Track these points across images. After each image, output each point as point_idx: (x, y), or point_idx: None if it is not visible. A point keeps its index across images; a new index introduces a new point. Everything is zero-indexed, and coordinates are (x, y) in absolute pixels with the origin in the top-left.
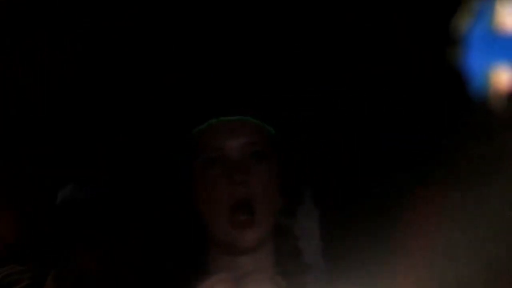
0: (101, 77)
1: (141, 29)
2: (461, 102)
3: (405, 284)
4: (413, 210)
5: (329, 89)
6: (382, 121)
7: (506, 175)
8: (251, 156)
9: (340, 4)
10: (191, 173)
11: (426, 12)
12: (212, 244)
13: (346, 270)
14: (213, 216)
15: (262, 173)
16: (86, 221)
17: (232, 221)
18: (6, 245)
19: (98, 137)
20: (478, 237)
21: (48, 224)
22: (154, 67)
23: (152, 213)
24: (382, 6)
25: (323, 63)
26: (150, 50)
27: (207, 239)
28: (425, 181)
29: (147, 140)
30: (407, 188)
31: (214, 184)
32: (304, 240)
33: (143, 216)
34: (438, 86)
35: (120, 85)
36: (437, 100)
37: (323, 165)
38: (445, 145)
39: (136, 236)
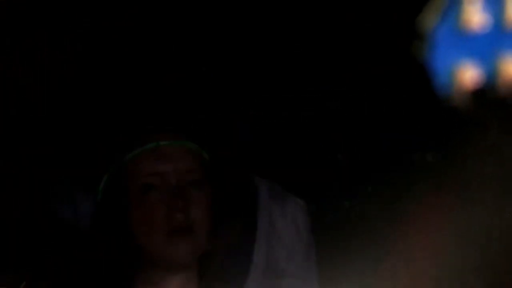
0: (101, 77)
1: (139, 30)
2: (427, 99)
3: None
4: (411, 215)
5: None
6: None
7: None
8: (190, 183)
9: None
10: (126, 196)
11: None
12: (144, 263)
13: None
14: (149, 238)
15: (200, 200)
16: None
17: (169, 233)
18: None
19: (97, 137)
20: (471, 241)
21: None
22: (153, 68)
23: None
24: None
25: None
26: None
27: (139, 260)
28: (420, 189)
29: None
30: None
31: (151, 210)
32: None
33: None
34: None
35: (118, 85)
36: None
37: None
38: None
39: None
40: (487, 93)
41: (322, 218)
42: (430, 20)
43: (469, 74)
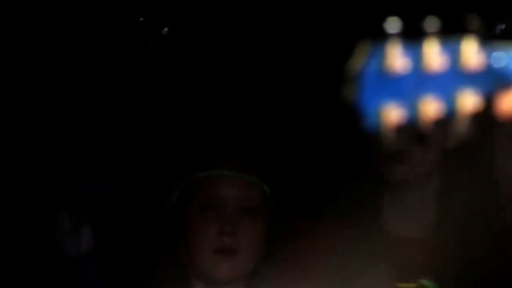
0: (100, 78)
1: (140, 30)
2: (356, 135)
3: None
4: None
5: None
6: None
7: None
8: (243, 210)
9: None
10: (184, 213)
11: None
12: (191, 274)
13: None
14: (198, 252)
15: (250, 228)
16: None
17: (216, 251)
18: None
19: (97, 137)
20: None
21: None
22: (153, 68)
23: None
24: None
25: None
26: (149, 51)
27: (188, 273)
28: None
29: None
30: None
31: (204, 229)
32: None
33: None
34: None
35: (118, 87)
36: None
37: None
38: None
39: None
40: (409, 130)
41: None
42: (357, 64)
43: (393, 113)
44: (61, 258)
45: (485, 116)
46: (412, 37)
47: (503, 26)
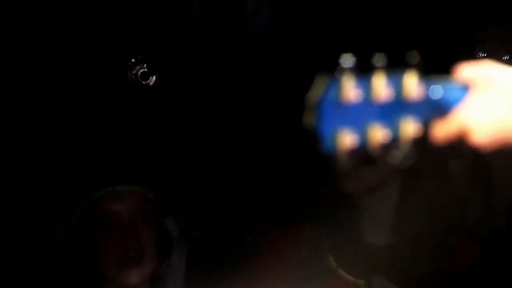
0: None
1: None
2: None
3: None
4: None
5: None
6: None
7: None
8: (140, 220)
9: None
10: (89, 232)
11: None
12: (104, 282)
13: None
14: (107, 263)
15: (148, 232)
16: None
17: (121, 267)
18: None
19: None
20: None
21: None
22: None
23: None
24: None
25: None
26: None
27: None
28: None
29: None
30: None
31: (110, 241)
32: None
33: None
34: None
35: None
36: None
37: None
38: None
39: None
40: (361, 153)
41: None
42: (316, 95)
43: (347, 138)
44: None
45: (424, 141)
46: (363, 71)
47: (440, 62)
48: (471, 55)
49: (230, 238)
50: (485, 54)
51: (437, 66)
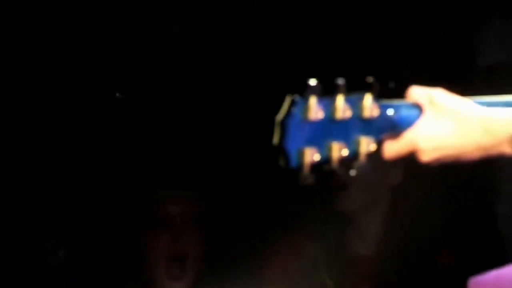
0: None
1: None
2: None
3: None
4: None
5: None
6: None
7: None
8: (191, 223)
9: None
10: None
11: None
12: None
13: None
14: (151, 268)
15: (197, 235)
16: None
17: (166, 273)
18: None
19: None
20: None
21: None
22: None
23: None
24: None
25: None
26: None
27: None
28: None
29: None
30: None
31: (161, 242)
32: None
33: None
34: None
35: None
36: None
37: None
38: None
39: None
40: (323, 168)
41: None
42: (283, 114)
43: (309, 153)
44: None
45: (379, 156)
46: (326, 93)
47: (393, 85)
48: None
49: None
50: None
51: (393, 90)
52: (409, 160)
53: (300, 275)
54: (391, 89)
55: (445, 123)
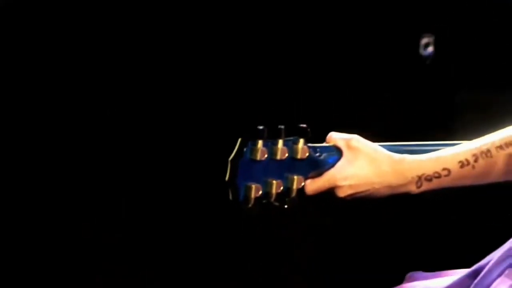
0: None
1: None
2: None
3: None
4: None
5: None
6: None
7: None
8: None
9: None
10: None
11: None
12: None
13: None
14: None
15: None
16: None
17: None
18: None
19: None
20: None
21: None
22: None
23: None
24: None
25: None
26: None
27: None
28: None
29: None
30: None
31: None
32: None
33: None
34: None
35: None
36: None
37: None
38: None
39: None
40: (264, 202)
41: None
42: (235, 154)
43: (255, 189)
44: None
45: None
46: (270, 137)
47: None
48: None
49: None
50: None
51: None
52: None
53: None
54: (318, 134)
55: (360, 165)
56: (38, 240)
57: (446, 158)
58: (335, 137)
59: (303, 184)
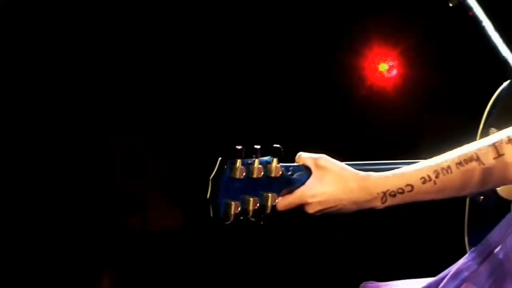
0: None
1: None
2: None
3: None
4: None
5: None
6: None
7: None
8: None
9: None
10: None
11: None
12: None
13: None
14: None
15: None
16: None
17: None
18: None
19: None
20: None
21: None
22: None
23: None
24: None
25: None
26: None
27: None
28: None
29: None
30: None
31: None
32: None
33: None
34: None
35: None
36: None
37: None
38: None
39: None
40: (242, 218)
41: None
42: (216, 173)
43: (234, 206)
44: None
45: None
46: (247, 157)
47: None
48: None
49: None
50: None
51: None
52: None
53: None
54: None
55: (328, 182)
56: (38, 240)
57: (410, 175)
58: (304, 157)
59: (277, 201)
